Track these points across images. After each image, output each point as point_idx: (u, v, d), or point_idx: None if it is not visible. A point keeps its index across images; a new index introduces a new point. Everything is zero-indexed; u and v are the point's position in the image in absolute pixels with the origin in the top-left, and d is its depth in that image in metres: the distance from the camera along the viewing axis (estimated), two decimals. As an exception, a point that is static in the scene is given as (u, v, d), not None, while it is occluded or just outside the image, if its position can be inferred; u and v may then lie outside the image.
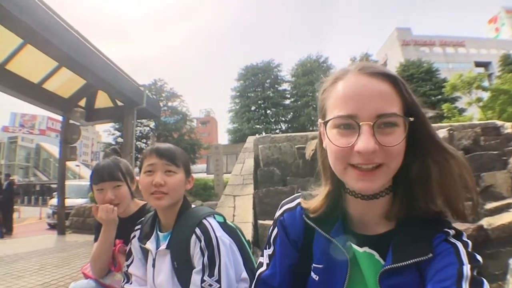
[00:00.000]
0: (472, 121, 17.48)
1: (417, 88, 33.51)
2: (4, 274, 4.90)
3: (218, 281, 1.15)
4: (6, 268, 5.32)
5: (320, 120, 0.85)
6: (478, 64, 53.89)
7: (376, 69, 0.76)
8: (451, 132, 4.67)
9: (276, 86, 41.58)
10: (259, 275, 0.99)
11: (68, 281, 4.51)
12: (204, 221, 1.29)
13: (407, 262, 0.70)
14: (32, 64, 7.69)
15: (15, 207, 12.70)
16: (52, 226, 12.96)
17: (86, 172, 40.24)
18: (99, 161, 1.83)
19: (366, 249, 0.82)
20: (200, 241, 1.23)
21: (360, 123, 0.70)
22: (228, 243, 1.25)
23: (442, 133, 4.56)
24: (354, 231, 0.86)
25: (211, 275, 1.17)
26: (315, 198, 0.94)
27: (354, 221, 0.87)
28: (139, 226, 1.53)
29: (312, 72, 37.49)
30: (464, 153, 4.47)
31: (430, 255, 0.70)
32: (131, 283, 1.43)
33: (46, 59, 7.07)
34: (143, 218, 1.54)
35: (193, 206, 1.44)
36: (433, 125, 0.81)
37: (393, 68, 38.91)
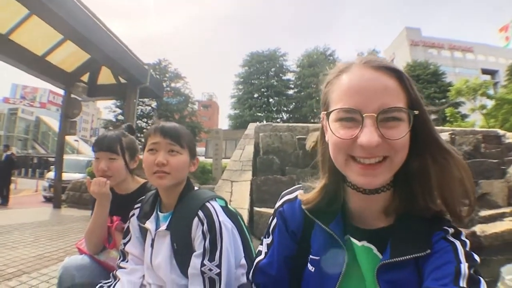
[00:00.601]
0: (474, 127, 17.47)
1: (422, 90, 33.38)
2: (-3, 245, 4.91)
3: (219, 266, 1.14)
4: (0, 239, 5.34)
5: (323, 113, 0.83)
6: (485, 72, 53.65)
7: (381, 63, 0.75)
8: (452, 136, 4.67)
9: (281, 75, 41.47)
10: (257, 263, 1.00)
11: (62, 254, 4.55)
12: (208, 204, 1.26)
13: (405, 257, 0.71)
14: (36, 35, 7.64)
15: (12, 178, 12.71)
16: (47, 199, 12.98)
17: (85, 148, 40.32)
18: (106, 131, 1.82)
19: (365, 243, 0.83)
20: (202, 224, 1.21)
21: (364, 115, 0.69)
22: (230, 227, 1.23)
23: (443, 137, 4.51)
24: (354, 224, 0.86)
25: (211, 259, 1.15)
26: (312, 190, 0.94)
27: (354, 214, 0.86)
28: (139, 205, 1.50)
29: (317, 64, 37.33)
30: (465, 159, 4.47)
31: (428, 251, 0.70)
32: (127, 261, 1.41)
33: (51, 31, 7.02)
34: (143, 197, 1.52)
35: (195, 188, 1.41)
36: (436, 127, 0.80)
37: (399, 67, 38.71)
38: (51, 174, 13.66)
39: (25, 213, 8.71)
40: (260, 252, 1.02)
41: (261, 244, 1.04)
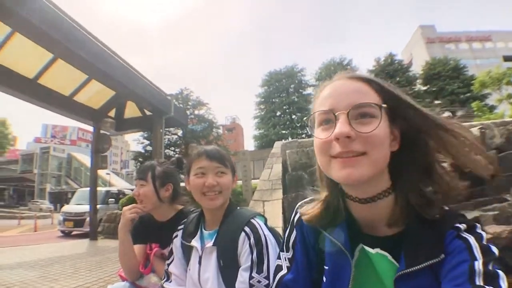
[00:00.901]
0: (504, 118, 16.82)
1: (445, 86, 32.60)
2: (39, 277, 5.10)
3: (267, 277, 1.15)
4: (42, 271, 5.54)
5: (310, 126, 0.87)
6: (507, 59, 51.49)
7: (353, 74, 0.82)
8: (482, 130, 4.53)
9: (301, 90, 41.36)
10: (280, 278, 0.97)
11: (102, 284, 4.67)
12: (253, 220, 1.31)
13: (420, 266, 0.69)
14: (63, 77, 8.02)
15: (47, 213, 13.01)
16: (65, 233, 13.11)
17: (116, 180, 41.23)
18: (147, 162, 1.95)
19: (378, 250, 0.82)
20: (249, 238, 1.25)
21: (336, 114, 0.74)
22: (274, 242, 1.26)
23: (474, 132, 4.43)
24: (364, 232, 0.86)
25: (259, 271, 1.17)
26: (311, 205, 0.97)
27: (362, 223, 0.86)
28: (182, 226, 1.56)
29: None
30: (497, 152, 4.35)
31: (442, 256, 0.69)
32: (170, 281, 1.47)
33: (76, 72, 7.39)
34: (185, 220, 1.58)
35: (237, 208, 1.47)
36: (464, 123, 0.84)
37: (419, 67, 38.06)
38: (66, 208, 13.81)
39: (64, 246, 8.98)
40: (280, 267, 1.00)
41: (278, 258, 1.03)
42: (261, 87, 42.18)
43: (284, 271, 0.98)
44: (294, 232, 1.02)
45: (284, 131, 38.13)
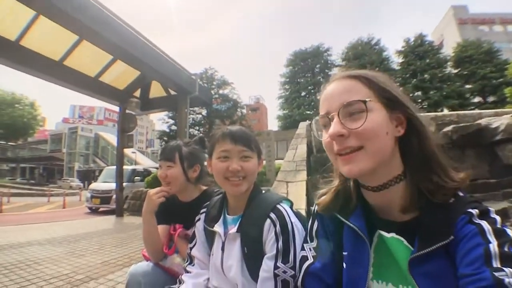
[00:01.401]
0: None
1: (476, 70, 31.39)
2: (67, 253, 5.26)
3: (293, 267, 1.08)
4: (69, 247, 5.73)
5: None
6: (543, 43, 49.12)
7: (343, 74, 0.88)
8: (516, 118, 4.32)
9: (326, 70, 40.75)
10: (307, 268, 0.98)
11: (126, 260, 4.79)
12: (279, 206, 1.23)
13: (431, 248, 0.71)
14: (88, 58, 8.15)
15: (76, 190, 13.47)
16: (92, 210, 13.50)
17: (142, 158, 42.20)
18: (170, 142, 1.90)
19: (394, 235, 0.84)
20: (275, 225, 1.17)
21: (330, 116, 0.82)
22: (301, 229, 1.19)
23: (506, 119, 4.23)
24: (380, 217, 0.88)
25: (285, 261, 1.10)
26: (326, 194, 1.02)
27: (378, 210, 0.89)
28: (204, 209, 1.51)
29: (364, 55, 36.41)
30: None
31: (452, 237, 0.70)
32: (193, 265, 1.44)
33: (102, 53, 7.50)
34: (208, 202, 1.52)
35: (263, 191, 1.40)
36: (497, 110, 0.81)
37: (450, 49, 36.68)
38: (93, 185, 14.27)
39: (90, 223, 9.24)
40: (305, 257, 1.01)
41: (303, 249, 1.04)
42: (286, 67, 41.91)
43: (310, 260, 0.99)
44: (316, 221, 1.05)
45: (309, 112, 37.83)
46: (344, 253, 0.91)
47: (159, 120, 31.61)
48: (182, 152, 1.76)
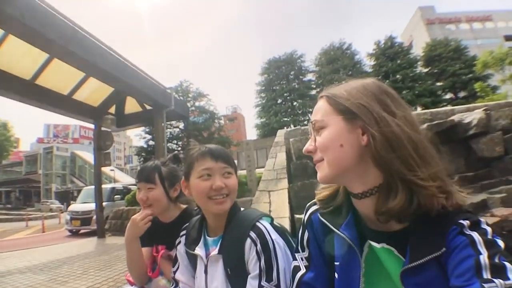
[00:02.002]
0: (507, 99, 16.69)
1: (446, 68, 32.40)
2: (49, 280, 5.11)
3: (277, 286, 1.09)
4: (51, 274, 5.56)
5: None
6: (508, 38, 51.12)
7: (321, 94, 0.94)
8: (487, 112, 4.45)
9: (301, 77, 41.18)
10: (300, 278, 0.99)
11: (111, 284, 4.68)
12: (258, 224, 1.22)
13: (423, 260, 0.71)
14: (60, 76, 8.01)
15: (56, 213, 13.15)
16: (73, 232, 13.19)
17: (121, 176, 41.36)
18: (146, 162, 1.84)
19: (384, 245, 0.84)
20: (255, 244, 1.16)
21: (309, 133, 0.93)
22: (282, 245, 1.19)
23: (478, 114, 4.36)
24: (370, 227, 0.88)
25: (269, 279, 1.10)
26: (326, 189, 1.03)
27: (367, 218, 0.88)
28: (184, 232, 1.48)
29: (336, 60, 37.08)
30: (503, 134, 4.28)
31: (444, 249, 0.70)
32: None
33: (74, 70, 7.33)
34: (187, 224, 1.50)
35: (242, 209, 1.38)
36: (468, 105, 0.82)
37: (419, 49, 37.76)
38: (72, 207, 13.95)
39: (72, 246, 9.02)
40: (298, 268, 1.02)
41: (294, 259, 1.06)
42: (261, 75, 42.08)
43: (303, 270, 1.00)
44: (307, 231, 1.05)
45: (286, 119, 38.15)
46: (336, 263, 0.92)
47: (136, 136, 31.28)
48: (161, 172, 1.71)
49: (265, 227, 1.21)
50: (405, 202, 0.75)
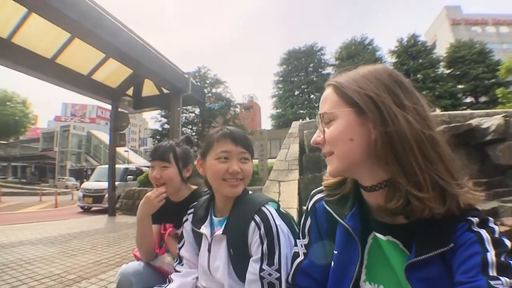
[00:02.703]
0: (530, 106, 16.24)
1: (469, 71, 31.63)
2: (59, 253, 5.24)
3: (278, 270, 1.09)
4: (61, 247, 5.70)
5: None
6: (535, 44, 49.61)
7: (327, 82, 0.93)
8: (507, 119, 4.35)
9: (320, 70, 40.81)
10: (297, 265, 1.01)
11: (119, 260, 4.78)
12: (263, 208, 1.21)
13: (429, 255, 0.71)
14: (80, 56, 8.12)
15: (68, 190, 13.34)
16: (84, 209, 13.42)
17: (135, 157, 41.97)
18: (161, 142, 1.86)
19: (390, 237, 0.83)
20: (259, 228, 1.16)
21: (318, 122, 0.89)
22: (286, 231, 1.18)
23: (497, 120, 4.27)
24: (377, 219, 0.87)
25: (270, 264, 1.10)
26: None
27: (375, 210, 0.88)
28: (192, 210, 1.49)
29: (357, 55, 36.48)
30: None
31: (451, 245, 0.70)
32: (182, 265, 1.45)
33: (94, 51, 7.45)
34: (196, 203, 1.51)
35: (250, 192, 1.37)
36: (488, 111, 0.80)
37: (443, 49, 36.91)
38: (86, 184, 14.26)
39: (82, 222, 9.19)
40: (297, 254, 1.03)
41: (295, 245, 1.06)
42: (280, 65, 41.90)
43: (301, 257, 1.01)
44: (309, 219, 1.05)
45: (302, 111, 37.91)
46: (334, 251, 0.92)
47: (152, 119, 31.56)
48: (176, 152, 1.74)
49: (270, 212, 1.21)
50: (402, 203, 0.75)
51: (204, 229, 1.34)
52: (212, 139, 1.31)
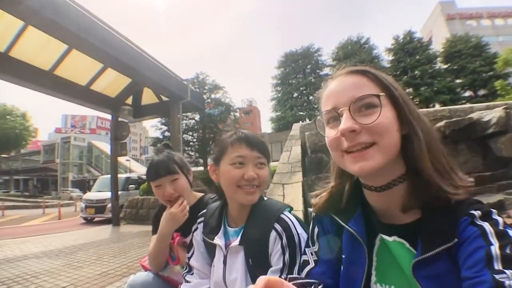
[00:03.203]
0: (529, 98, 16.22)
1: (466, 65, 31.69)
2: (64, 265, 5.22)
3: None
4: (66, 259, 5.68)
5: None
6: (531, 35, 49.66)
7: (349, 69, 0.85)
8: (507, 111, 4.34)
9: (318, 71, 40.66)
10: (307, 272, 0.97)
11: (125, 270, 4.77)
12: (283, 216, 1.17)
13: (434, 251, 0.70)
14: (79, 67, 8.14)
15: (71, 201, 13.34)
16: (87, 220, 13.41)
17: (136, 166, 41.94)
18: (153, 158, 1.77)
19: (396, 238, 0.83)
20: (281, 238, 1.12)
21: (339, 111, 0.79)
22: (307, 239, 1.09)
23: (498, 112, 4.26)
24: (381, 221, 0.87)
25: (290, 273, 1.05)
26: (320, 195, 1.00)
27: (379, 212, 0.87)
28: (201, 219, 1.43)
29: (354, 55, 36.46)
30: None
31: (455, 240, 0.69)
32: (192, 274, 1.40)
33: (92, 61, 7.49)
34: (204, 211, 1.46)
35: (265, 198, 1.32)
36: (488, 104, 0.80)
37: (439, 44, 37.00)
38: (88, 195, 14.17)
39: (87, 233, 9.20)
40: (307, 262, 1.00)
41: (304, 254, 1.03)
42: (277, 68, 41.84)
43: (311, 265, 0.98)
44: (316, 226, 1.03)
45: (301, 113, 37.86)
46: (343, 256, 0.91)
47: (152, 127, 31.56)
48: (177, 160, 1.70)
49: (290, 220, 1.17)
50: (422, 194, 0.76)
51: (218, 240, 1.28)
52: (226, 144, 1.25)
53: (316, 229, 1.02)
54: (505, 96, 18.69)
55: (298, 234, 1.13)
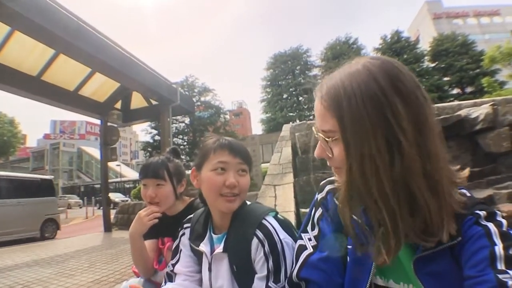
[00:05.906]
0: (515, 93, 16.47)
1: (453, 63, 32.17)
2: (56, 274, 5.14)
3: (285, 287, 1.03)
4: (58, 268, 5.60)
5: None
6: (516, 33, 50.65)
7: (317, 95, 0.85)
8: (494, 107, 4.40)
9: (307, 72, 41.14)
10: (305, 258, 0.94)
11: (118, 277, 4.71)
12: (265, 222, 1.15)
13: (437, 249, 0.71)
14: (66, 72, 8.07)
15: (61, 208, 13.17)
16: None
17: (127, 171, 41.73)
18: (152, 157, 1.77)
19: None
20: (263, 245, 1.10)
21: (317, 136, 0.84)
22: (290, 244, 1.12)
23: (485, 109, 4.32)
24: None
25: (277, 280, 1.05)
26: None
27: None
28: (188, 224, 1.41)
29: (342, 55, 36.84)
30: (510, 129, 4.23)
31: (459, 238, 0.69)
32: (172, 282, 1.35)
33: (80, 66, 7.38)
34: (191, 216, 1.44)
35: (248, 203, 1.31)
36: (476, 100, 0.79)
37: (426, 43, 37.49)
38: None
39: (79, 240, 9.10)
40: (304, 247, 0.97)
41: (301, 238, 1.01)
42: (267, 70, 42.19)
43: (310, 250, 0.95)
44: (320, 209, 1.01)
45: (291, 114, 38.22)
46: (348, 246, 0.90)
47: (142, 131, 31.60)
48: (169, 168, 1.68)
49: (272, 226, 1.15)
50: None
51: (203, 247, 1.27)
52: (209, 150, 1.24)
53: (318, 213, 1.00)
54: (492, 92, 19.02)
55: (280, 240, 1.11)
